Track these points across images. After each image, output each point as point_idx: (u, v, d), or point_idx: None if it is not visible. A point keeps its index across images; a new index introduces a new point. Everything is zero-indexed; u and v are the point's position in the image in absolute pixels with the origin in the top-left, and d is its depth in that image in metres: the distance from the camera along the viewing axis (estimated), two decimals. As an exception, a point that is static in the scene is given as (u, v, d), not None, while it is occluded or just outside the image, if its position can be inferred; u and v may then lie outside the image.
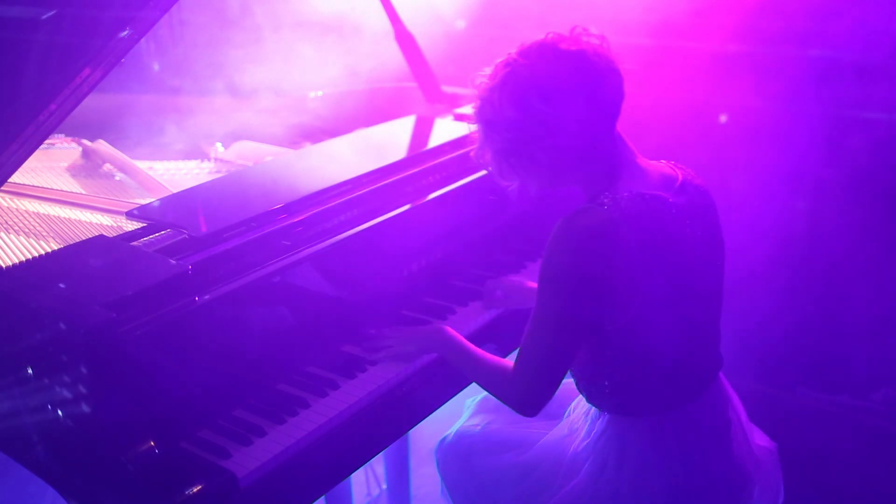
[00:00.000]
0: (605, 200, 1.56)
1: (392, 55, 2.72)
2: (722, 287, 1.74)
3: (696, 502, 1.70)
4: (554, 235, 1.57)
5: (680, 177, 1.68)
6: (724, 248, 1.73)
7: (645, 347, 1.63)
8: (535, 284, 2.04)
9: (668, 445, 1.68)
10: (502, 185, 1.73)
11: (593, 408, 1.77)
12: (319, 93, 2.86)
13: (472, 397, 2.10)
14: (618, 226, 1.53)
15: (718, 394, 1.77)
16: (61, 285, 1.61)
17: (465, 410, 2.09)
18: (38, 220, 2.00)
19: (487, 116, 1.61)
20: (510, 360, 1.71)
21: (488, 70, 1.61)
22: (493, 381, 1.72)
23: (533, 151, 1.59)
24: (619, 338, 1.62)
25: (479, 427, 1.97)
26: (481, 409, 2.05)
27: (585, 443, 1.76)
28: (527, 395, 1.65)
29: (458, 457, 1.96)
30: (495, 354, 1.80)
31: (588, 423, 1.79)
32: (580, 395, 1.80)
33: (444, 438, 2.02)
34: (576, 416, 1.86)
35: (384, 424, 1.81)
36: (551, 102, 1.54)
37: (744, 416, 1.86)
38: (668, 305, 1.62)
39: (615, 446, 1.70)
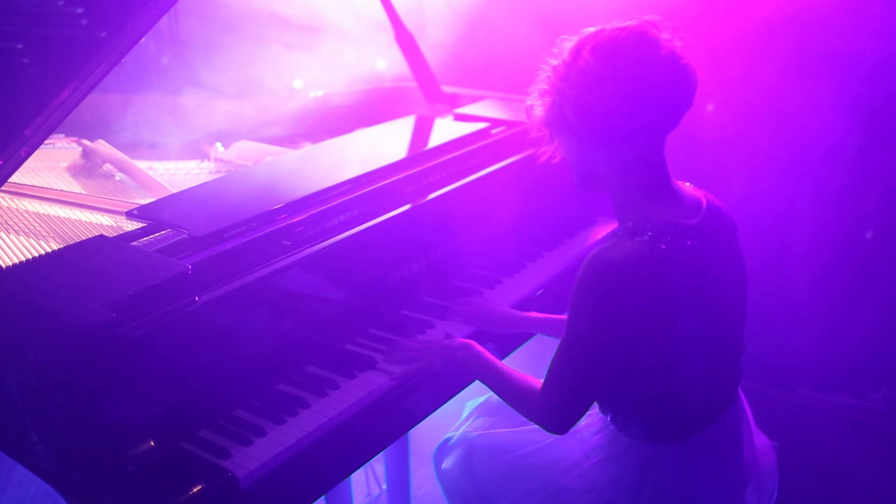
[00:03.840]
0: (643, 232, 1.51)
1: (392, 55, 2.72)
2: (746, 304, 1.71)
3: None
4: (589, 269, 1.51)
5: (704, 201, 1.64)
6: (745, 266, 1.70)
7: (676, 378, 1.61)
8: (508, 309, 2.02)
9: (689, 473, 1.67)
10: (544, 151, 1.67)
11: (610, 423, 1.73)
12: (319, 93, 2.86)
13: (473, 399, 2.09)
14: (656, 264, 1.50)
15: (738, 409, 1.76)
16: (61, 285, 1.61)
17: (465, 410, 2.08)
18: (38, 220, 2.00)
19: (562, 78, 1.53)
20: (537, 379, 1.68)
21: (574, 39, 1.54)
22: (521, 400, 1.69)
23: (584, 131, 1.54)
24: (649, 370, 1.59)
25: (478, 431, 1.96)
26: (482, 411, 2.03)
27: (599, 458, 1.74)
28: (557, 417, 1.63)
29: (458, 460, 1.94)
30: (494, 354, 1.79)
31: (601, 436, 1.76)
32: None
33: (444, 442, 2.01)
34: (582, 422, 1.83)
35: (384, 424, 1.81)
36: (630, 95, 1.48)
37: (751, 420, 1.85)
38: (700, 336, 1.59)
39: (633, 472, 1.68)
